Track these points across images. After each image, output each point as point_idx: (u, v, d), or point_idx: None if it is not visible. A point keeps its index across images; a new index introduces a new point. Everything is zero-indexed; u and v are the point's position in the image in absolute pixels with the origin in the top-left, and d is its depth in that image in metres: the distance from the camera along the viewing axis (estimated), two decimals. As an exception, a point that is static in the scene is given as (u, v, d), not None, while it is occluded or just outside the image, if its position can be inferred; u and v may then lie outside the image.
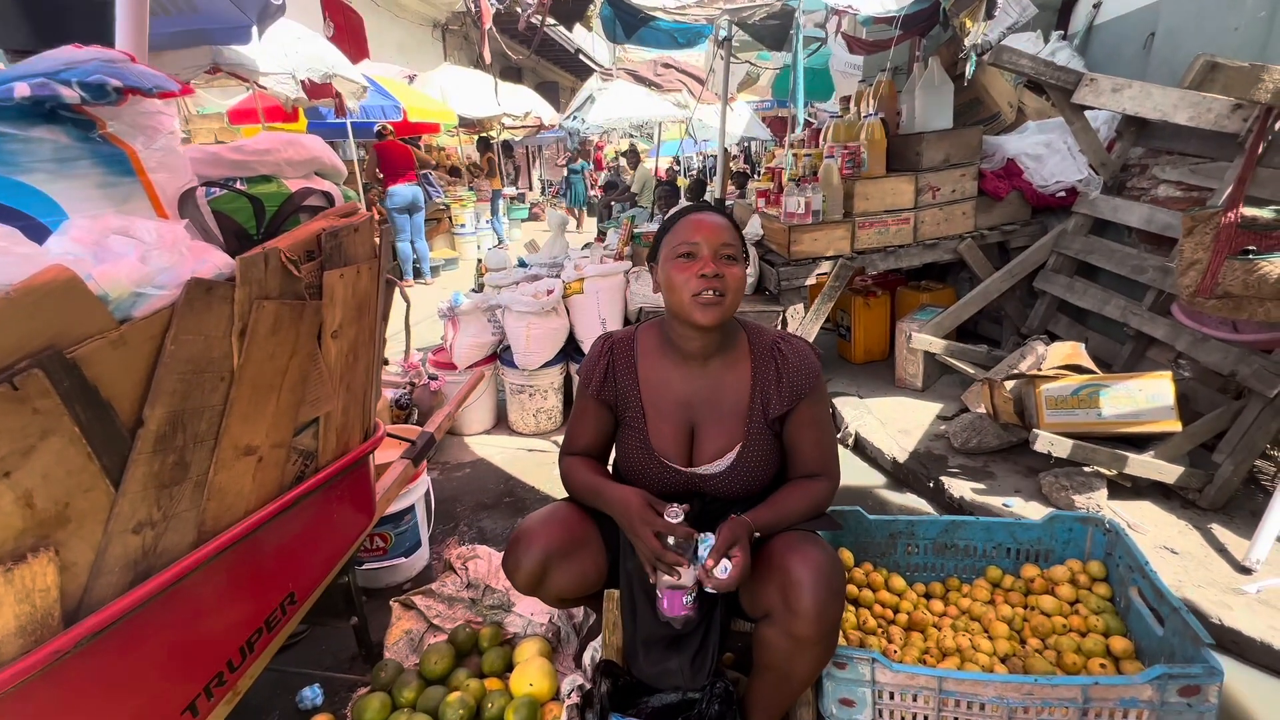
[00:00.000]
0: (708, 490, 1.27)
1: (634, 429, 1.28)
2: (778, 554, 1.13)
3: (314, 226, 1.03)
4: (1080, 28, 3.72)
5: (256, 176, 1.05)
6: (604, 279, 3.05)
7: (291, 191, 1.08)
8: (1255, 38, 2.47)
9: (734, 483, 1.25)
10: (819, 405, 1.27)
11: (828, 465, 1.27)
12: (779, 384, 1.23)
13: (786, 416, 1.25)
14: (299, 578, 1.17)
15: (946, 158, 2.99)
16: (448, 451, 3.06)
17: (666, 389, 1.28)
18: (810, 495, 1.24)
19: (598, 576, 1.31)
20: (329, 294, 1.05)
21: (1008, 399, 2.43)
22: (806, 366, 1.25)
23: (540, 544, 1.24)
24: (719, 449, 1.25)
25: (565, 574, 1.26)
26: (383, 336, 1.35)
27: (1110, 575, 1.40)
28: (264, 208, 1.00)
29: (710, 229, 1.19)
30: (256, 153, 1.03)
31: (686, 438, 1.27)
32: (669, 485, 1.27)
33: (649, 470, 1.27)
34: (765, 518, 1.19)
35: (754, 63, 6.66)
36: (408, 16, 10.85)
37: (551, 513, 1.32)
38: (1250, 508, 2.19)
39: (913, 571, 1.58)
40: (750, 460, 1.24)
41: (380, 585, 2.06)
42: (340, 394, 1.16)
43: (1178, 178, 2.60)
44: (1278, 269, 1.80)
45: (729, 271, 1.18)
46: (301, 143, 1.10)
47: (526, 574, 1.23)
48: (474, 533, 2.41)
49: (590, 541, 1.31)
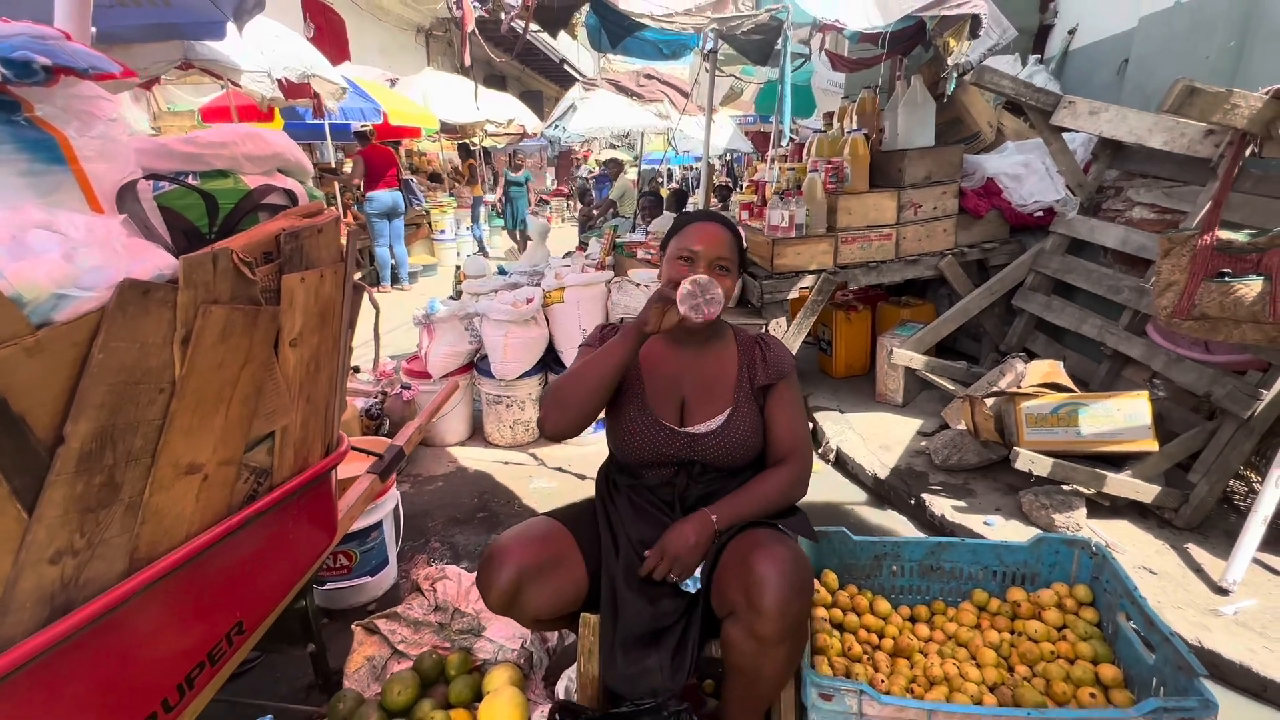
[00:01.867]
0: (699, 452, 1.28)
1: (633, 393, 1.33)
2: (744, 552, 1.14)
3: (273, 226, 0.96)
4: (1056, 52, 3.81)
5: (211, 171, 0.98)
6: (585, 288, 2.99)
7: (250, 188, 1.00)
8: (1225, 67, 2.54)
9: (726, 443, 1.28)
10: (794, 390, 1.36)
11: (797, 446, 1.32)
12: (764, 361, 1.35)
13: (769, 392, 1.33)
14: (248, 605, 1.08)
15: (928, 175, 3.01)
16: (420, 463, 2.96)
17: (663, 362, 1.36)
18: (779, 482, 1.28)
19: (576, 595, 1.26)
20: (288, 299, 0.98)
21: (988, 416, 2.43)
22: (784, 354, 1.37)
23: (514, 560, 1.19)
24: (710, 413, 1.31)
25: (541, 592, 1.21)
26: (349, 345, 1.27)
27: (1097, 599, 1.37)
28: (218, 205, 0.93)
29: (710, 240, 1.28)
30: (212, 145, 0.96)
31: (678, 406, 1.33)
32: (663, 446, 1.29)
33: (645, 431, 1.29)
34: (732, 505, 1.23)
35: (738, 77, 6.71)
36: (391, 20, 10.76)
37: (527, 528, 1.29)
38: (1224, 527, 2.21)
39: (898, 594, 1.54)
40: (740, 423, 1.29)
41: (343, 606, 1.95)
42: (299, 406, 1.08)
43: (1152, 200, 2.64)
44: (1253, 292, 1.82)
45: (719, 281, 1.25)
46: (263, 137, 1.03)
47: (500, 592, 1.18)
48: (445, 549, 2.31)
49: (568, 557, 1.27)
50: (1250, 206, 2.24)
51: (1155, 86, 2.86)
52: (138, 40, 3.73)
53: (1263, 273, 1.82)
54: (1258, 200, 2.26)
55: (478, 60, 12.81)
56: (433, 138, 9.22)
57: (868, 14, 2.27)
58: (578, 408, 1.24)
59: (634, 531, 1.29)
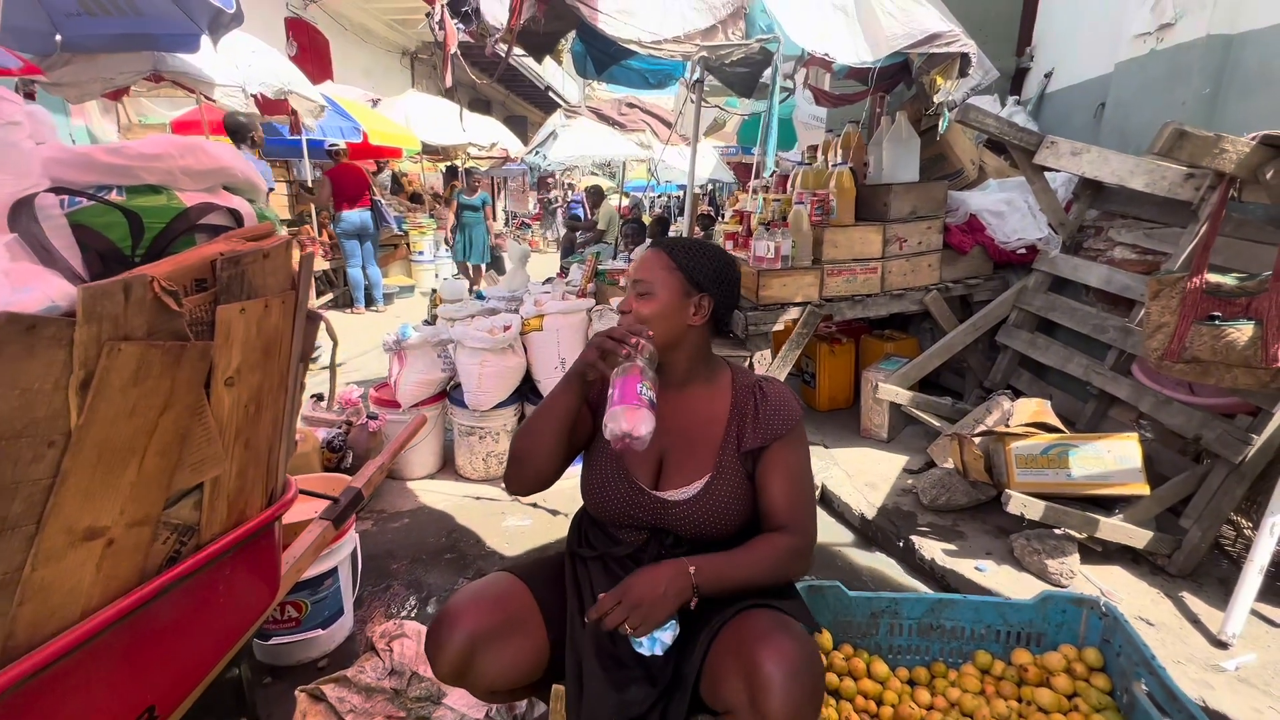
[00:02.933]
0: (670, 521, 1.16)
1: (606, 444, 1.19)
2: (745, 641, 0.99)
3: (209, 250, 0.84)
4: (1033, 94, 3.89)
5: (141, 186, 0.86)
6: (565, 317, 2.89)
7: (186, 206, 0.88)
8: (1200, 113, 2.58)
9: (699, 514, 1.14)
10: (794, 451, 1.19)
11: (795, 517, 1.15)
12: (755, 418, 1.19)
13: (759, 455, 1.17)
14: (164, 687, 0.93)
15: (913, 210, 3.00)
16: (385, 498, 2.78)
17: None
18: (772, 550, 1.11)
19: (535, 664, 1.11)
20: (224, 332, 0.86)
21: (978, 456, 2.37)
22: (786, 408, 1.20)
23: (466, 625, 1.05)
24: (687, 477, 1.18)
25: (496, 661, 1.06)
26: (300, 381, 1.15)
27: (1109, 665, 1.28)
28: (143, 224, 0.81)
29: (636, 265, 1.23)
30: (142, 157, 0.84)
31: (655, 462, 1.20)
32: (633, 507, 1.17)
33: (616, 488, 1.19)
34: (715, 562, 1.08)
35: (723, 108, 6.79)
36: (376, 42, 10.75)
37: (483, 587, 1.15)
38: (1217, 574, 2.16)
39: (896, 654, 1.43)
40: (717, 494, 1.15)
41: (290, 662, 1.77)
42: (235, 454, 0.95)
43: (1133, 241, 2.66)
44: (1245, 336, 1.79)
45: (637, 305, 1.19)
46: (205, 149, 0.91)
47: (449, 661, 1.04)
48: (409, 594, 2.14)
49: (528, 621, 1.12)
50: (1231, 250, 2.25)
51: (1133, 129, 2.91)
52: (105, 50, 3.59)
53: (1253, 317, 1.80)
54: (1238, 244, 2.27)
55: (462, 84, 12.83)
56: (414, 158, 9.14)
57: (857, 49, 2.26)
58: (533, 464, 1.17)
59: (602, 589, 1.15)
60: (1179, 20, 2.65)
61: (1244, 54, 2.47)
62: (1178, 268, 2.32)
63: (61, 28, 3.27)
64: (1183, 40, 2.64)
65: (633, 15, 2.14)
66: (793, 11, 2.30)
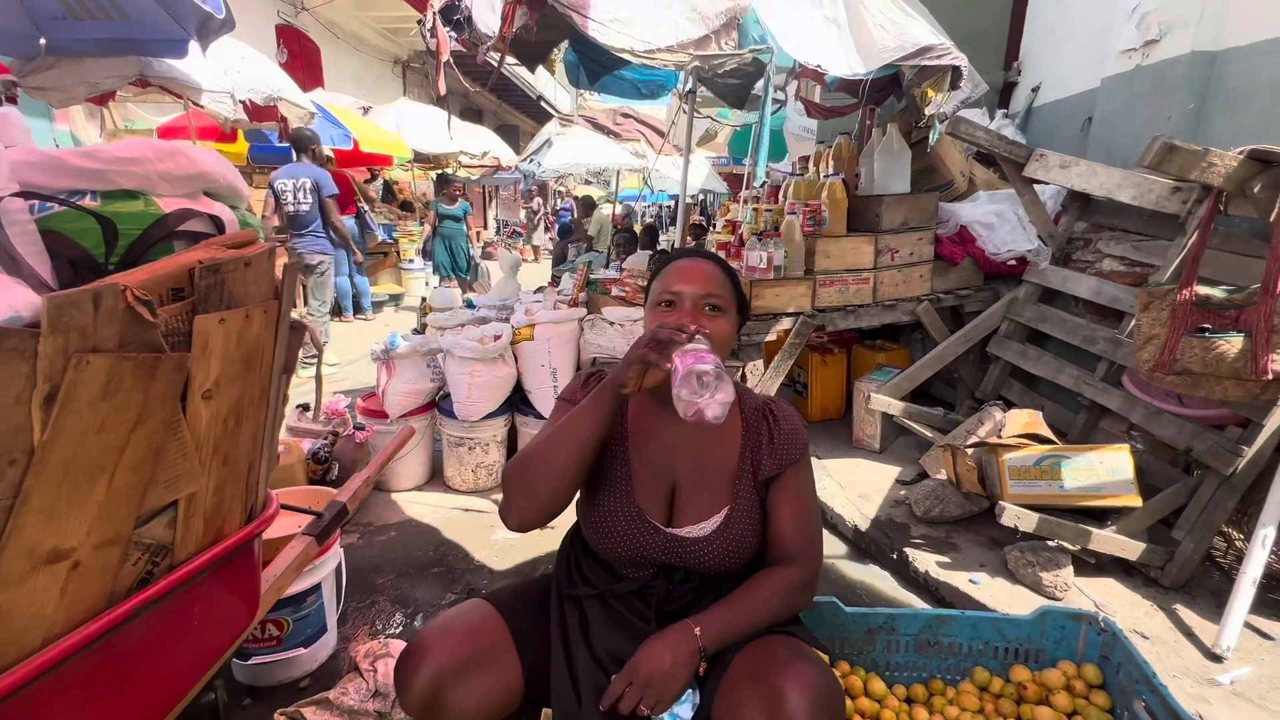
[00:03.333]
0: (687, 560, 1.09)
1: (614, 476, 1.13)
2: (764, 670, 0.94)
3: (187, 258, 0.81)
4: (1020, 108, 3.94)
5: (117, 191, 0.83)
6: (556, 326, 2.86)
7: (164, 212, 0.85)
8: (1185, 127, 2.62)
9: (718, 551, 1.08)
10: (804, 478, 1.15)
11: (806, 547, 1.11)
12: (771, 444, 1.13)
13: (771, 483, 1.13)
14: (133, 711, 0.88)
15: (905, 221, 3.02)
16: (371, 510, 2.73)
17: (652, 437, 1.15)
18: (780, 589, 1.06)
19: (508, 699, 1.03)
20: (201, 343, 0.82)
21: (971, 467, 2.36)
22: (797, 433, 1.15)
23: (433, 659, 0.98)
24: (703, 510, 1.10)
25: (467, 696, 0.98)
26: (283, 393, 1.11)
27: (1108, 682, 1.27)
28: (117, 230, 0.78)
29: (694, 276, 1.09)
30: (118, 161, 0.81)
31: (668, 495, 1.12)
32: (645, 547, 1.09)
33: (626, 526, 1.10)
34: (721, 618, 1.02)
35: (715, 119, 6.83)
36: (368, 51, 10.75)
37: (454, 618, 1.06)
38: (1209, 586, 2.16)
39: (892, 671, 1.40)
40: (738, 525, 1.09)
41: (271, 682, 1.71)
42: (212, 469, 0.92)
43: (1121, 253, 2.68)
44: (1234, 349, 1.80)
45: (711, 324, 1.07)
46: (186, 153, 0.88)
47: (415, 697, 0.97)
48: (396, 609, 2.09)
49: (500, 655, 1.04)
50: (1218, 262, 2.27)
51: (1119, 143, 2.94)
52: (90, 54, 3.55)
53: (1243, 329, 1.81)
54: (1224, 256, 2.29)
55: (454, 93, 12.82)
56: (405, 166, 9.11)
57: (849, 61, 2.27)
58: (550, 492, 1.04)
59: (604, 642, 1.07)
60: (1164, 36, 2.69)
61: (1228, 70, 2.51)
62: (1166, 279, 2.34)
63: (46, 31, 3.23)
64: (1167, 56, 2.68)
65: (626, 24, 2.13)
66: (786, 23, 2.31)
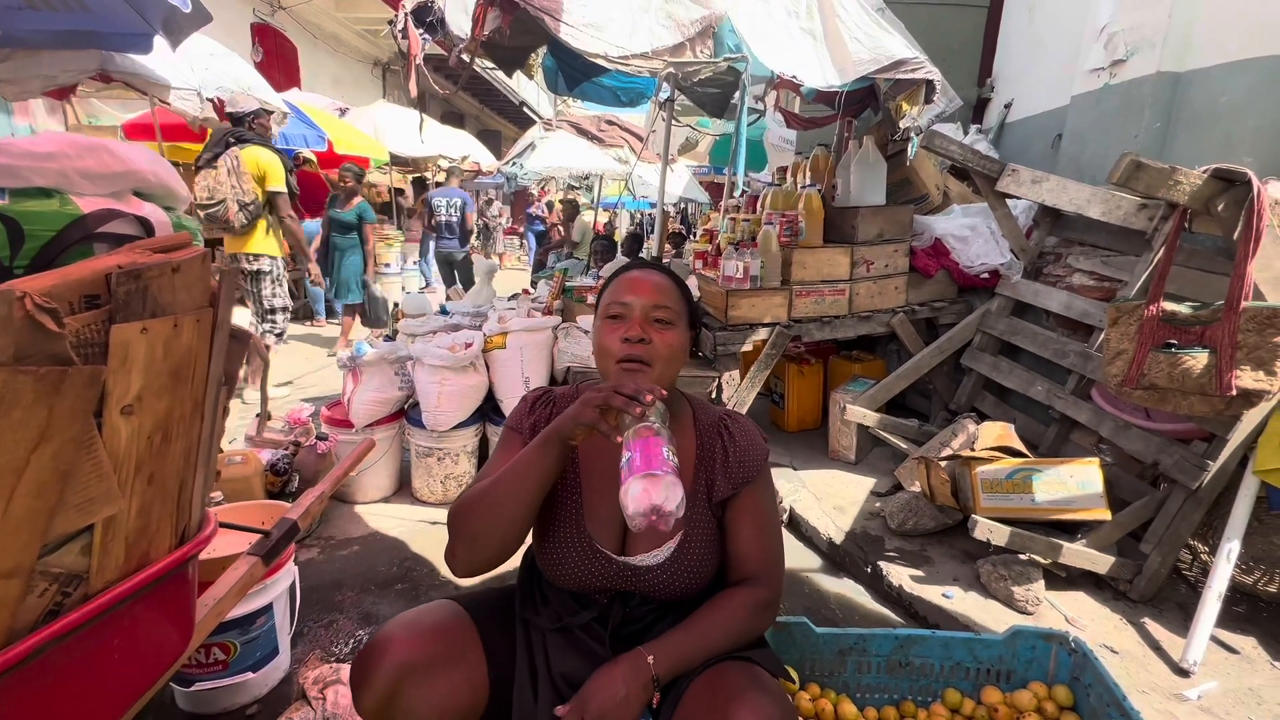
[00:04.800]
0: (642, 587, 1.06)
1: (565, 505, 1.09)
2: (717, 698, 0.90)
3: (104, 262, 0.75)
4: (993, 124, 4.00)
5: (29, 189, 0.76)
6: (530, 334, 2.80)
7: (83, 213, 0.79)
8: (1152, 145, 2.67)
9: (673, 578, 1.05)
10: (763, 494, 1.12)
11: (768, 567, 1.08)
12: (725, 464, 1.10)
13: (728, 503, 1.10)
14: (38, 758, 0.81)
15: (880, 233, 3.03)
16: (334, 523, 2.64)
17: (604, 460, 1.09)
18: (739, 612, 1.03)
19: (472, 703, 0.99)
20: (120, 355, 0.76)
21: (945, 480, 2.36)
22: (754, 449, 1.12)
23: (395, 655, 0.93)
24: (657, 538, 1.06)
25: (427, 698, 0.93)
26: (222, 406, 1.04)
27: (1079, 704, 1.25)
28: (23, 231, 0.71)
29: (643, 287, 1.07)
30: (31, 156, 0.74)
31: (621, 521, 1.07)
32: (597, 577, 1.05)
33: (577, 555, 1.05)
34: (679, 645, 0.98)
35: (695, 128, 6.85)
36: (346, 52, 10.61)
37: (420, 615, 1.02)
38: (1176, 600, 2.17)
39: (864, 693, 1.37)
40: (693, 551, 1.06)
41: (216, 709, 1.62)
42: (135, 490, 0.85)
43: (1091, 268, 2.71)
44: (1200, 364, 1.82)
45: (659, 336, 1.05)
46: (110, 149, 0.82)
47: (374, 695, 0.92)
48: (356, 627, 2.00)
49: (467, 656, 1.00)
50: (1183, 278, 2.31)
51: (1088, 160, 2.99)
52: (49, 46, 3.42)
53: (1208, 345, 1.83)
54: (1189, 273, 2.33)
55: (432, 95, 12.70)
56: (382, 169, 8.98)
57: (824, 73, 2.27)
58: (497, 546, 0.99)
59: (558, 663, 1.05)
60: (1130, 57, 2.74)
61: (1191, 91, 2.57)
62: (1134, 295, 2.37)
63: (5, 22, 3.10)
64: (1134, 76, 2.73)
65: (600, 29, 2.11)
66: (761, 33, 2.31)
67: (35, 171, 0.76)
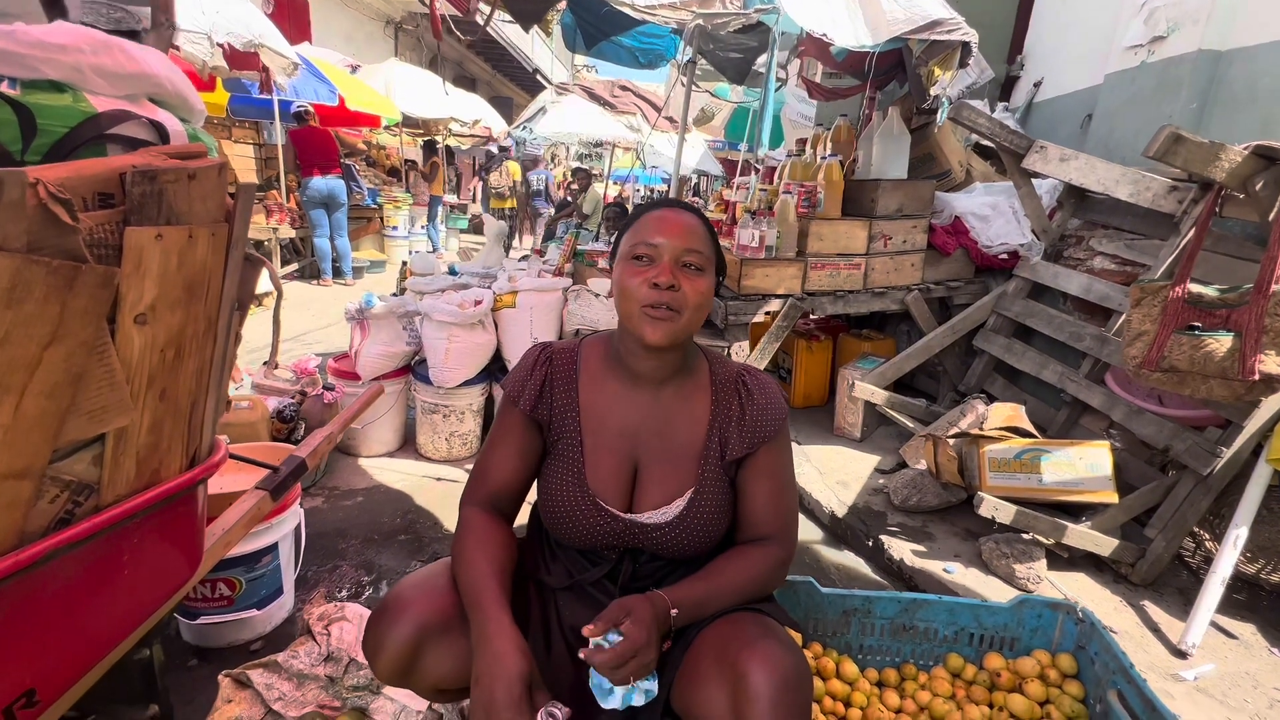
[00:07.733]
0: (647, 544, 1.03)
1: (567, 460, 1.05)
2: (729, 647, 0.88)
3: (120, 161, 0.72)
4: (1021, 103, 3.90)
5: (41, 81, 0.73)
6: (540, 294, 2.77)
7: (97, 111, 0.76)
8: (1186, 126, 2.56)
9: (681, 536, 1.02)
10: (781, 454, 1.07)
11: (783, 528, 1.06)
12: (741, 421, 1.05)
13: (743, 462, 1.05)
14: (46, 665, 0.81)
15: (900, 207, 2.97)
16: (339, 474, 2.64)
17: (610, 415, 1.05)
18: (756, 567, 1.01)
19: None
20: (134, 259, 0.74)
21: (952, 457, 2.34)
22: (773, 406, 1.06)
23: (414, 615, 0.92)
24: (667, 493, 1.03)
25: (446, 657, 0.93)
26: (235, 330, 1.02)
27: (1083, 671, 1.25)
28: (36, 123, 0.68)
29: (675, 229, 0.98)
30: (42, 46, 0.71)
31: (628, 478, 1.04)
32: (602, 534, 1.03)
33: (580, 514, 1.02)
34: (695, 593, 0.96)
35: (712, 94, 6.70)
36: (359, 8, 10.38)
37: (432, 575, 1.00)
38: (1177, 584, 2.17)
39: (866, 654, 1.38)
40: (703, 509, 1.02)
41: (221, 644, 1.63)
42: (147, 404, 0.83)
43: (1114, 251, 2.66)
44: (1223, 348, 1.78)
45: (689, 284, 0.97)
46: (125, 49, 0.78)
47: (393, 656, 0.91)
48: (358, 574, 2.02)
49: None
50: (1209, 264, 2.26)
51: (1118, 141, 2.91)
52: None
53: (1232, 329, 1.79)
54: (1215, 257, 2.28)
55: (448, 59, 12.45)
56: (392, 130, 8.84)
57: (856, 32, 2.20)
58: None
59: (569, 616, 1.03)
60: (1171, 34, 2.65)
61: (1231, 70, 2.48)
62: (1158, 277, 2.32)
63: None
64: (1174, 54, 2.64)
65: (627, -21, 2.04)
66: (792, -11, 2.23)
67: (47, 63, 0.73)
